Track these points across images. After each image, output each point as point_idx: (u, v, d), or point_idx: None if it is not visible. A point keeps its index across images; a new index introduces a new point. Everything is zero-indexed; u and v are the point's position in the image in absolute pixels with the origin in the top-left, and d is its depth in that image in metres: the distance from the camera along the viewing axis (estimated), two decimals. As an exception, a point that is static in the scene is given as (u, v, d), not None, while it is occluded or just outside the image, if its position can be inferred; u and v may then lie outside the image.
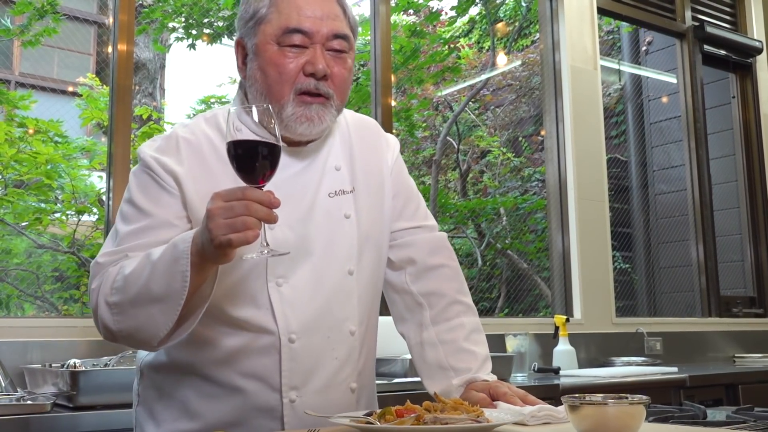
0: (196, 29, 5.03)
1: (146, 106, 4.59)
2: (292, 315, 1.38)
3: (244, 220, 1.13)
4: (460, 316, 1.55)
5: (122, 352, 2.47)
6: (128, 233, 1.36)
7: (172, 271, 1.22)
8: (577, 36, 4.11)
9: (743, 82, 5.04)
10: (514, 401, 1.40)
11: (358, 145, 1.54)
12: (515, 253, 5.39)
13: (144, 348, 1.36)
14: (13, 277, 4.01)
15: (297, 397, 1.37)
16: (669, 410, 1.76)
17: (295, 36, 1.37)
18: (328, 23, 1.39)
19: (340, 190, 1.47)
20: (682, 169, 4.77)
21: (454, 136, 5.79)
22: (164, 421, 1.41)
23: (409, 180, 1.65)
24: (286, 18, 1.38)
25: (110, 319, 1.30)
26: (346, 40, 1.42)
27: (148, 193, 1.38)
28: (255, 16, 1.41)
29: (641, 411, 1.14)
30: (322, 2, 1.40)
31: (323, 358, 1.41)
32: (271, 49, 1.38)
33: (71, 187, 3.93)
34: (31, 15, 3.95)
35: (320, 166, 1.47)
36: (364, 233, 1.48)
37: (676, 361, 3.90)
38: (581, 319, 3.82)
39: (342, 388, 1.44)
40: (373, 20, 3.57)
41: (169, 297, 1.23)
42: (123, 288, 1.28)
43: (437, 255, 1.60)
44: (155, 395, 1.44)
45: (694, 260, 4.58)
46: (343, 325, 1.44)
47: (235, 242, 1.13)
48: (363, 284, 1.48)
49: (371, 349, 1.55)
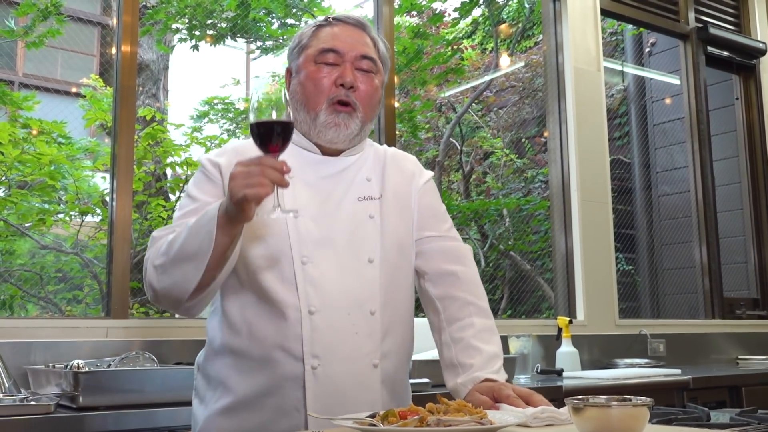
0: (200, 30, 5.04)
1: (150, 107, 4.60)
2: (313, 291, 1.51)
3: (259, 180, 1.31)
4: (472, 317, 1.63)
5: (125, 353, 2.47)
6: (179, 216, 1.58)
7: (201, 232, 1.41)
8: (580, 37, 4.11)
9: (747, 84, 5.03)
10: (517, 404, 1.41)
11: (391, 166, 1.71)
12: (518, 255, 5.38)
13: (179, 306, 1.51)
14: (17, 278, 4.02)
15: (318, 365, 1.48)
16: (672, 412, 1.76)
17: (329, 55, 1.61)
18: (357, 47, 1.63)
19: (368, 196, 1.64)
20: (685, 170, 4.76)
21: (457, 137, 5.79)
22: (210, 401, 1.57)
23: (438, 202, 1.78)
24: (323, 42, 1.63)
25: (155, 279, 1.50)
26: (373, 62, 1.65)
27: (199, 185, 1.62)
28: (299, 44, 1.67)
29: (645, 413, 1.14)
30: (355, 32, 1.65)
31: (343, 332, 1.52)
32: (309, 67, 1.62)
33: (75, 188, 3.93)
34: (34, 16, 3.96)
35: (351, 176, 1.65)
36: (387, 233, 1.62)
37: (680, 363, 3.90)
38: (584, 320, 3.81)
39: (364, 363, 1.53)
40: (376, 21, 3.57)
41: (198, 254, 1.42)
42: (166, 251, 1.48)
43: (453, 262, 1.69)
44: (204, 383, 1.61)
45: (698, 262, 4.57)
46: (363, 305, 1.55)
47: (249, 196, 1.31)
48: (386, 274, 1.59)
49: (400, 335, 1.62)
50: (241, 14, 5.06)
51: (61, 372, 2.14)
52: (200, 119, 5.41)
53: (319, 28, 1.66)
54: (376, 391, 1.52)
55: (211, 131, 5.18)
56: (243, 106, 5.61)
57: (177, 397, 2.12)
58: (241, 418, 1.51)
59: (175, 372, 2.25)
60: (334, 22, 1.66)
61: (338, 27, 1.65)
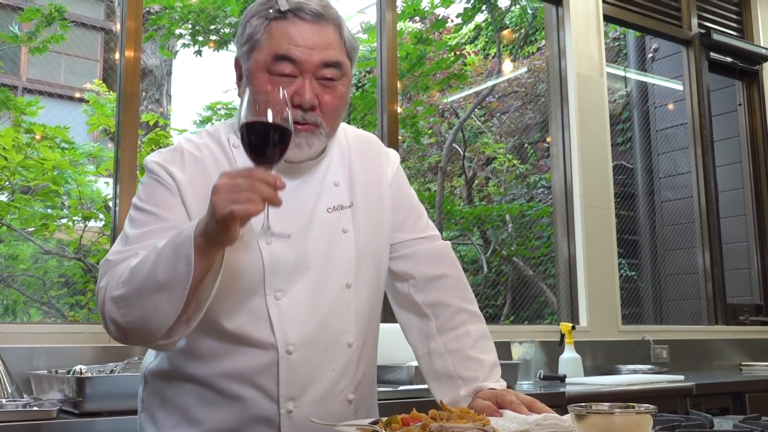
0: (203, 36, 5.05)
1: (153, 113, 4.61)
2: (290, 328, 1.39)
3: (248, 195, 1.13)
4: (466, 324, 1.56)
5: (128, 358, 2.47)
6: (137, 235, 1.38)
7: (176, 257, 1.21)
8: (583, 43, 4.11)
9: (750, 90, 5.03)
10: (520, 410, 1.39)
11: (358, 161, 1.56)
12: (521, 260, 5.38)
13: (150, 344, 1.34)
14: (20, 283, 4.02)
15: (294, 408, 1.39)
16: (676, 419, 1.75)
17: (285, 64, 1.39)
18: (318, 53, 1.40)
19: (339, 206, 1.49)
20: (688, 176, 4.76)
21: (459, 142, 5.80)
22: (165, 426, 1.43)
23: (410, 192, 1.66)
24: (276, 45, 1.39)
25: (117, 313, 1.29)
26: (338, 68, 1.43)
27: (155, 197, 1.41)
28: (249, 41, 1.43)
29: (648, 420, 1.14)
30: (315, 31, 1.41)
31: (320, 370, 1.42)
32: (261, 77, 1.40)
33: (78, 193, 3.94)
34: (38, 22, 3.97)
35: (318, 182, 1.49)
36: (362, 247, 1.49)
37: (683, 369, 3.89)
38: (587, 326, 3.81)
39: (339, 399, 1.45)
40: (379, 27, 3.58)
41: (174, 283, 1.22)
42: (129, 280, 1.28)
43: (439, 265, 1.60)
44: (158, 402, 1.46)
45: (701, 268, 4.56)
46: (340, 337, 1.45)
47: (236, 213, 1.13)
48: (361, 297, 1.49)
49: (371, 361, 1.56)
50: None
51: (63, 377, 2.14)
52: (203, 124, 5.43)
53: (272, 23, 1.41)
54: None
55: (214, 136, 5.17)
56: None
57: (179, 402, 2.12)
58: None
59: (177, 377, 2.25)
60: (290, 16, 1.40)
61: (295, 24, 1.40)
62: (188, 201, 1.40)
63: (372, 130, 3.68)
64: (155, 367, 1.48)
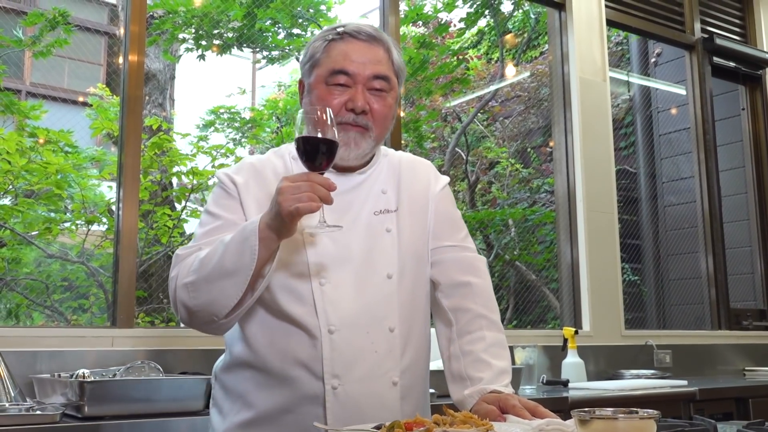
0: (206, 40, 5.05)
1: (156, 117, 4.61)
2: (332, 311, 1.52)
3: (309, 195, 1.35)
4: (483, 330, 1.62)
5: (131, 362, 2.47)
6: (203, 233, 1.58)
7: (242, 248, 1.42)
8: (586, 47, 4.11)
9: (753, 94, 5.03)
10: (522, 414, 1.40)
11: (406, 174, 1.71)
12: (524, 265, 5.38)
13: (211, 325, 1.51)
14: (23, 287, 4.02)
15: (339, 385, 1.49)
16: (679, 424, 1.75)
17: (340, 77, 1.59)
18: (370, 66, 1.60)
19: (385, 210, 1.64)
20: (691, 180, 4.75)
21: (462, 147, 5.80)
22: (229, 414, 1.58)
23: (453, 209, 1.77)
24: (333, 62, 1.60)
25: (187, 297, 1.49)
26: (387, 81, 1.62)
27: (220, 202, 1.62)
28: (311, 60, 1.64)
29: (652, 425, 1.14)
30: (367, 49, 1.62)
31: (363, 351, 1.52)
32: (320, 88, 1.60)
33: (81, 197, 3.94)
34: (42, 26, 3.98)
35: (367, 189, 1.66)
36: (404, 246, 1.62)
37: (686, 374, 3.88)
38: (590, 331, 3.80)
39: (384, 381, 1.54)
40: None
41: (239, 270, 1.42)
42: (198, 268, 1.48)
43: (467, 273, 1.68)
44: (222, 394, 1.62)
45: (704, 272, 4.56)
46: (382, 322, 1.55)
47: (302, 210, 1.34)
48: (404, 289, 1.60)
49: (419, 350, 1.64)
50: (247, 24, 5.08)
51: (66, 381, 2.14)
52: (206, 128, 5.43)
53: (330, 43, 1.62)
54: (395, 408, 1.53)
55: (217, 140, 5.18)
56: (249, 116, 5.62)
57: (183, 406, 2.12)
58: None
59: (180, 382, 2.25)
60: (346, 37, 1.62)
61: (350, 43, 1.61)
62: (246, 202, 1.60)
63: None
64: (221, 363, 1.65)
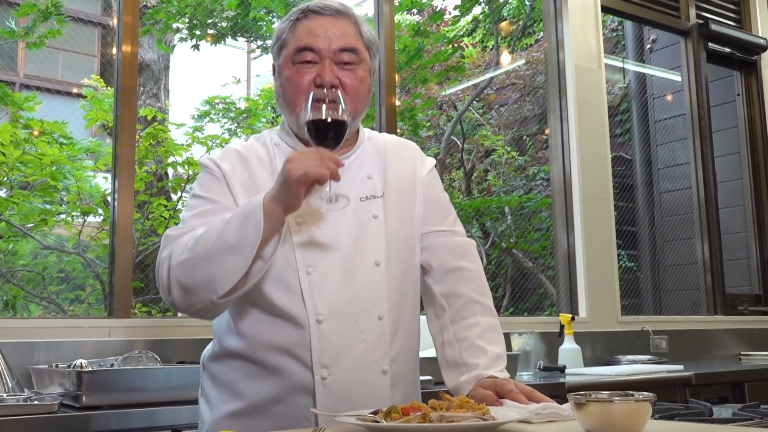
0: (200, 30, 5.04)
1: (151, 107, 4.60)
2: (320, 300, 1.49)
3: (318, 162, 1.34)
4: (476, 315, 1.60)
5: (128, 352, 2.47)
6: (193, 216, 1.55)
7: (246, 221, 1.39)
8: (581, 34, 4.10)
9: (748, 80, 5.03)
10: (519, 399, 1.41)
11: (392, 158, 1.68)
12: (520, 252, 5.38)
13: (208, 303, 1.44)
14: (19, 278, 4.02)
15: (328, 375, 1.47)
16: (675, 408, 1.76)
17: (306, 53, 1.55)
18: (336, 40, 1.56)
19: (371, 195, 1.60)
20: (687, 167, 4.76)
21: (458, 135, 5.79)
22: (217, 404, 1.56)
23: (441, 193, 1.75)
24: (298, 40, 1.57)
25: (182, 275, 1.44)
26: (356, 53, 1.57)
27: (207, 185, 1.59)
28: (278, 42, 1.61)
29: (647, 408, 1.14)
30: (333, 23, 1.57)
31: (352, 340, 1.50)
32: (288, 68, 1.57)
33: (76, 188, 3.93)
34: (35, 17, 3.96)
35: (352, 174, 1.60)
36: (392, 232, 1.59)
37: (682, 359, 3.90)
38: (586, 317, 3.81)
39: (373, 370, 1.51)
40: (376, 20, 3.57)
41: (242, 245, 1.39)
42: (195, 245, 1.44)
43: (458, 257, 1.66)
44: (211, 383, 1.60)
45: (700, 258, 4.57)
46: (371, 310, 1.53)
47: (310, 174, 1.33)
48: (393, 276, 1.57)
49: (409, 339, 1.61)
50: (241, 13, 5.06)
51: (64, 372, 2.14)
52: (201, 119, 5.42)
53: (295, 23, 1.58)
54: (386, 397, 1.51)
55: (213, 131, 5.17)
56: (244, 105, 5.61)
57: (180, 396, 2.12)
58: (249, 423, 1.50)
59: (178, 371, 2.25)
60: (310, 15, 1.58)
61: (315, 20, 1.57)
62: (233, 187, 1.57)
63: (370, 123, 3.68)
64: (209, 352, 1.63)
